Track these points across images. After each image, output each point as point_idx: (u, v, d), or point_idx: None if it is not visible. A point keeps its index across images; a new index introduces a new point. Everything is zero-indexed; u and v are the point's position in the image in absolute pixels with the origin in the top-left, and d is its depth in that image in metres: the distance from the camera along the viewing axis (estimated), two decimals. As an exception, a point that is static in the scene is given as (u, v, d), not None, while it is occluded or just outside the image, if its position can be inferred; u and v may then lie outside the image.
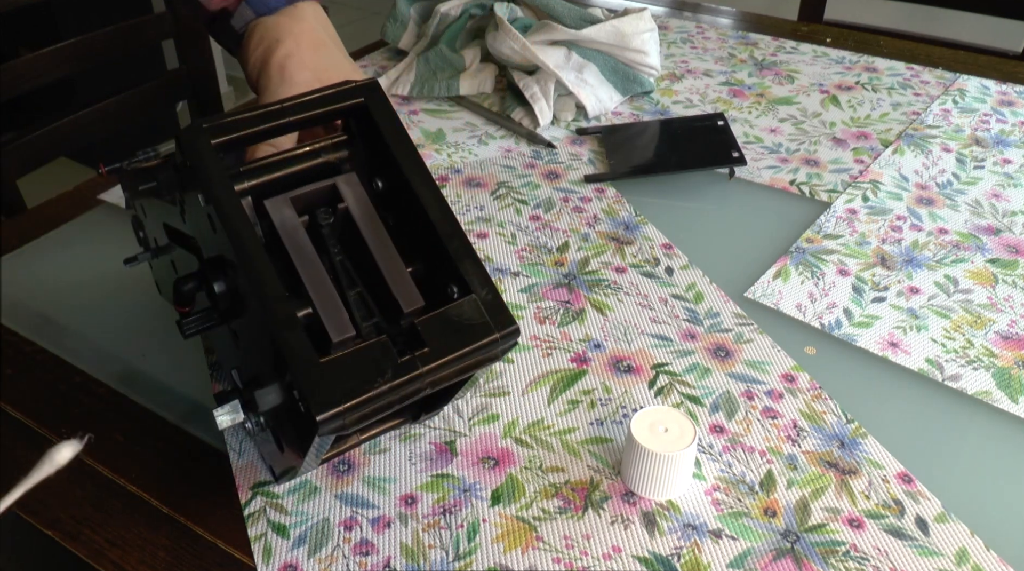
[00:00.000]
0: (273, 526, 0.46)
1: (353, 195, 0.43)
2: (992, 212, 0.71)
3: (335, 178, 0.43)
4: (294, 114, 0.44)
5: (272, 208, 0.42)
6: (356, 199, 0.43)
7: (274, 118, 0.43)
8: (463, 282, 0.42)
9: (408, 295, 0.41)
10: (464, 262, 0.42)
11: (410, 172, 0.44)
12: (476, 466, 0.49)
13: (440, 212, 0.43)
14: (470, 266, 0.42)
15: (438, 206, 0.43)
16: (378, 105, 0.45)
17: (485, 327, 0.41)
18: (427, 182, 0.44)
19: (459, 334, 0.41)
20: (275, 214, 0.41)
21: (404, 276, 0.41)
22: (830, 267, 0.64)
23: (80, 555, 0.45)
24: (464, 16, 0.93)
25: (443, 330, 0.40)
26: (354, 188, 0.43)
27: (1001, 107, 0.88)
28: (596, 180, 0.75)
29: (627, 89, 0.88)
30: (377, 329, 0.41)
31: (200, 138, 0.41)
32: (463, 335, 0.41)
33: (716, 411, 0.52)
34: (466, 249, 0.42)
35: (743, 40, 1.04)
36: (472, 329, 0.41)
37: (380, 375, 0.38)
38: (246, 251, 0.39)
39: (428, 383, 0.40)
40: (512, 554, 0.44)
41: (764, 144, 0.81)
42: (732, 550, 0.44)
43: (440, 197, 0.43)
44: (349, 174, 0.44)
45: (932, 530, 0.45)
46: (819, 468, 0.49)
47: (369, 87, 0.45)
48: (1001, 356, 0.56)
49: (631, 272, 0.64)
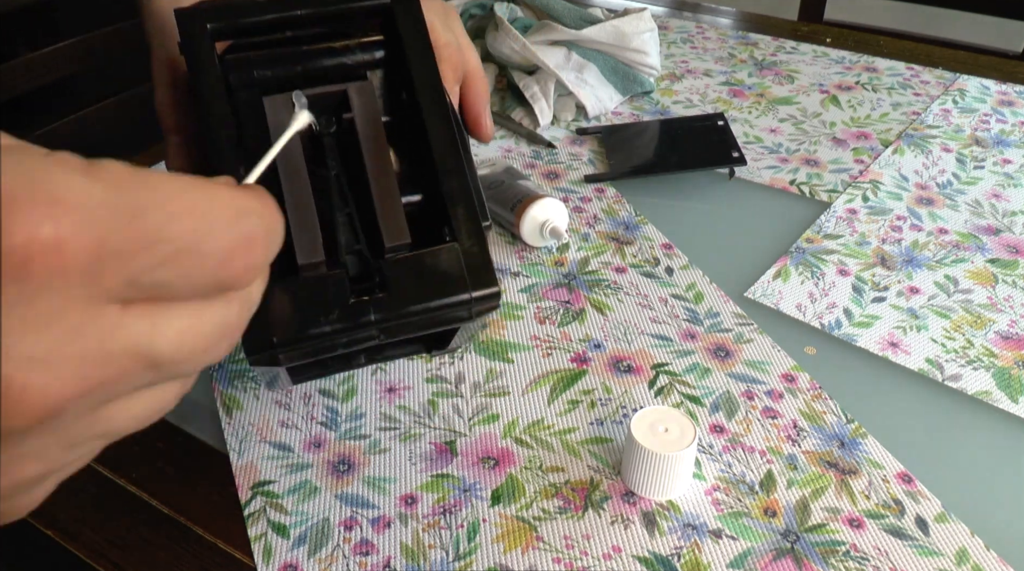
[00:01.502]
0: (273, 526, 0.46)
1: (362, 107, 0.38)
2: (992, 212, 0.71)
3: (348, 84, 0.39)
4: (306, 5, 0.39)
5: (270, 107, 0.38)
6: (364, 112, 0.38)
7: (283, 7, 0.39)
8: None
9: (394, 228, 0.37)
10: (457, 206, 0.38)
11: (423, 95, 0.39)
12: (476, 466, 0.49)
13: (444, 144, 0.38)
14: (462, 211, 0.38)
15: (444, 137, 0.38)
16: (406, 10, 0.39)
17: (459, 283, 0.37)
18: (439, 110, 0.39)
19: (427, 285, 0.36)
20: (271, 114, 0.38)
21: (395, 206, 0.37)
22: (830, 267, 0.64)
23: (80, 555, 0.45)
24: (464, 16, 0.93)
25: (411, 276, 0.36)
26: (365, 99, 0.38)
27: (1001, 107, 0.88)
28: (596, 180, 0.75)
29: (627, 89, 0.88)
30: (359, 259, 0.38)
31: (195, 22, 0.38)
32: (431, 287, 0.36)
33: (716, 411, 0.52)
34: (462, 191, 0.38)
35: (743, 40, 1.04)
36: (444, 282, 0.37)
37: (324, 315, 0.34)
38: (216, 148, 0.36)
39: (380, 331, 0.36)
40: (512, 554, 0.44)
41: (764, 144, 0.81)
42: (732, 550, 0.44)
43: (449, 128, 0.39)
44: (364, 83, 0.39)
45: (932, 530, 0.45)
46: (819, 468, 0.49)
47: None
48: (1001, 356, 0.56)
49: (631, 272, 0.64)
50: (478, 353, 0.56)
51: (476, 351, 0.56)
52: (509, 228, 0.67)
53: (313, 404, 0.53)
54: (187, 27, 0.38)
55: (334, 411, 0.52)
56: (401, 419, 0.51)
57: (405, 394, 0.53)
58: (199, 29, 0.38)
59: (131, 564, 0.44)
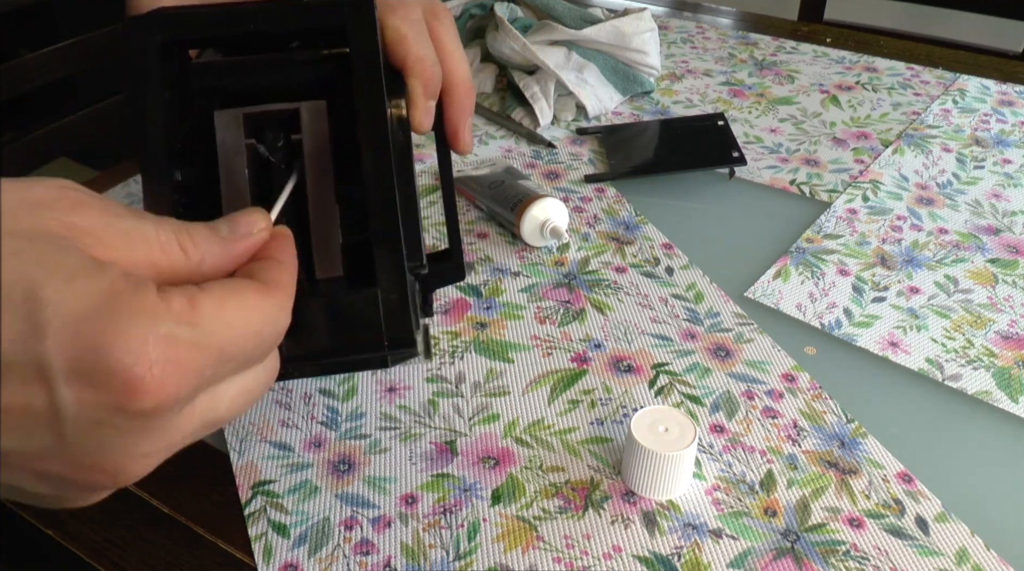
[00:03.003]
0: (273, 526, 0.46)
1: (311, 129, 0.37)
2: (992, 212, 0.71)
3: (301, 103, 0.37)
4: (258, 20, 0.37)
5: (219, 122, 0.37)
6: (313, 134, 0.37)
7: (235, 22, 0.37)
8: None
9: (327, 260, 0.36)
10: (381, 248, 0.36)
11: (363, 122, 0.37)
12: (476, 466, 0.49)
13: (376, 179, 0.36)
14: (386, 255, 0.36)
15: (377, 172, 0.36)
16: (357, 29, 0.37)
17: (374, 333, 0.36)
18: (376, 140, 0.37)
19: (341, 329, 0.36)
20: (220, 131, 0.37)
21: (330, 238, 0.36)
22: (830, 267, 0.64)
23: (80, 555, 0.45)
24: (464, 16, 0.93)
25: (328, 317, 0.35)
26: (316, 121, 0.37)
27: (1001, 107, 0.88)
28: (596, 180, 0.75)
29: (627, 89, 0.88)
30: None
31: (145, 32, 0.36)
32: (344, 333, 0.36)
33: (716, 411, 0.52)
34: (388, 232, 0.36)
35: (743, 40, 1.04)
36: (359, 330, 0.36)
37: None
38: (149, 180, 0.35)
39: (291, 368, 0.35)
40: (512, 554, 0.44)
41: (764, 144, 0.81)
42: (732, 550, 0.44)
43: (384, 162, 0.37)
44: (318, 103, 0.37)
45: (932, 530, 0.45)
46: (819, 468, 0.49)
47: (357, 5, 0.37)
48: (1001, 356, 0.57)
49: (631, 272, 0.64)
50: (478, 353, 0.56)
51: (476, 351, 0.56)
52: (509, 228, 0.67)
53: (313, 404, 0.53)
54: (135, 36, 0.37)
55: (334, 411, 0.52)
56: (401, 419, 0.51)
57: (405, 394, 0.53)
58: (147, 41, 0.37)
59: (131, 564, 0.44)
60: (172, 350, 0.26)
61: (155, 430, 0.27)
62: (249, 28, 0.37)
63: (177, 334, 0.26)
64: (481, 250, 0.66)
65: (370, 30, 0.37)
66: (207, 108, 0.38)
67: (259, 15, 0.37)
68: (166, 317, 0.26)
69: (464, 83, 0.43)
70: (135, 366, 0.25)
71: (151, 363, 0.25)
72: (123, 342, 0.25)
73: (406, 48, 0.40)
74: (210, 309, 0.27)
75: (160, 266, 0.28)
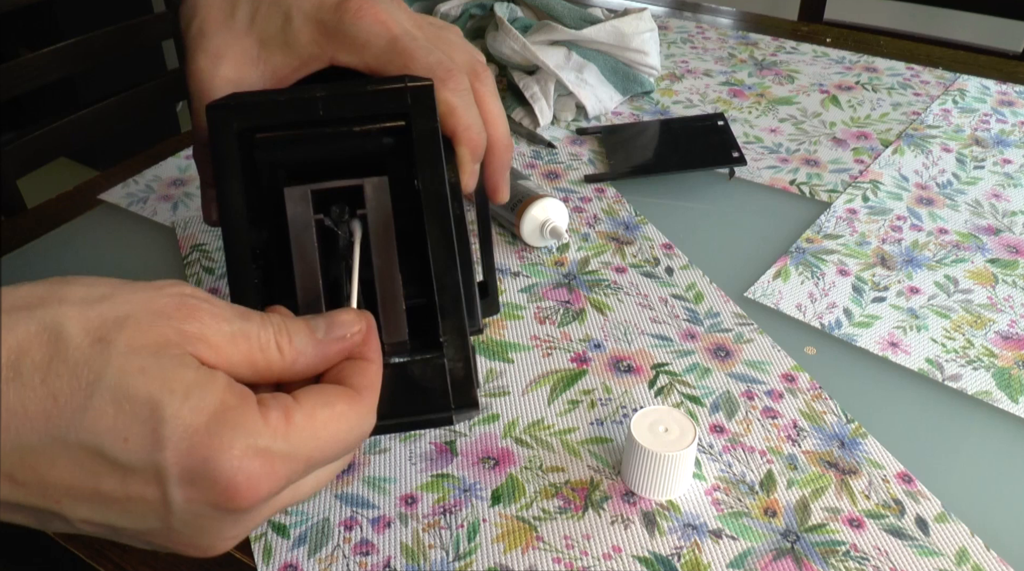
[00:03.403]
0: (273, 526, 0.46)
1: (376, 204, 0.40)
2: (992, 212, 0.71)
3: (364, 180, 0.40)
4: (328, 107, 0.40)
5: (289, 198, 0.39)
6: (377, 209, 0.40)
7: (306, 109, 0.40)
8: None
9: (394, 326, 0.39)
10: (447, 320, 0.39)
11: (427, 204, 0.40)
12: (476, 466, 0.49)
13: (443, 258, 0.39)
14: (451, 326, 0.39)
15: (440, 250, 0.39)
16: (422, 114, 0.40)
17: (442, 398, 0.38)
18: (440, 220, 0.40)
19: (410, 394, 0.38)
20: (290, 206, 0.40)
21: (397, 305, 0.39)
22: (830, 267, 0.64)
23: (80, 555, 0.45)
24: (464, 16, 0.93)
25: (397, 383, 0.38)
26: (379, 196, 0.40)
27: (1001, 107, 0.88)
28: (596, 180, 0.75)
29: (627, 89, 0.88)
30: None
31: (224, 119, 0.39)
32: (413, 397, 0.38)
33: (716, 411, 0.52)
34: (454, 307, 0.39)
35: (743, 40, 1.04)
36: (426, 395, 0.38)
37: None
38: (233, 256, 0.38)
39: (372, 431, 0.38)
40: (512, 554, 0.44)
41: (764, 144, 0.81)
42: (732, 550, 0.44)
43: (448, 239, 0.40)
44: (380, 179, 0.40)
45: (932, 530, 0.45)
46: (819, 468, 0.49)
47: (419, 94, 0.40)
48: (1001, 356, 0.57)
49: (631, 272, 0.64)
50: (478, 353, 0.56)
51: (476, 351, 0.56)
52: (509, 228, 0.67)
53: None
54: (216, 123, 0.39)
55: (334, 411, 0.52)
56: (401, 419, 0.51)
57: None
58: (227, 127, 0.39)
59: (131, 564, 0.44)
60: (267, 462, 0.30)
61: (244, 521, 0.32)
62: (319, 115, 0.40)
63: (272, 448, 0.30)
64: (481, 250, 0.66)
65: (431, 116, 0.40)
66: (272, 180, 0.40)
67: (328, 103, 0.40)
68: (264, 432, 0.30)
69: (503, 141, 0.46)
70: (236, 476, 0.30)
71: (248, 475, 0.30)
72: (227, 456, 0.29)
73: (456, 119, 0.43)
74: (302, 423, 0.32)
75: (258, 365, 0.33)
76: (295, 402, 0.32)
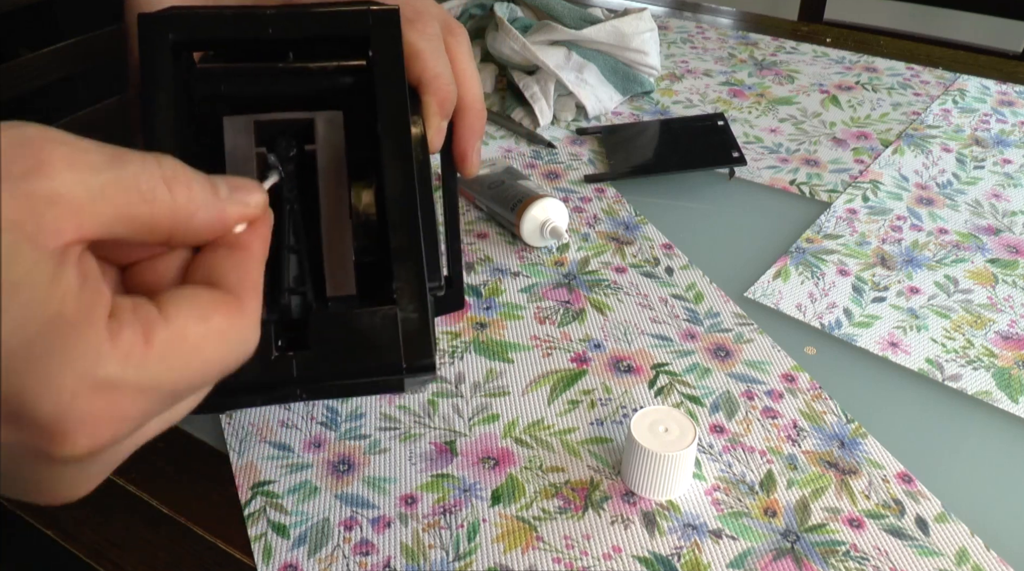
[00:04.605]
0: (273, 526, 0.46)
1: (327, 140, 0.35)
2: (992, 212, 0.71)
3: (316, 113, 0.35)
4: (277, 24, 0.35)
5: (229, 128, 0.35)
6: (327, 146, 0.35)
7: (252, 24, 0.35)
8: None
9: (339, 277, 0.35)
10: (402, 264, 0.34)
11: (385, 135, 0.35)
12: (476, 466, 0.49)
13: (399, 194, 0.35)
14: (407, 273, 0.34)
15: (399, 188, 0.35)
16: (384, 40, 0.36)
17: (391, 352, 0.34)
18: (400, 154, 0.35)
19: (356, 349, 0.34)
20: (229, 137, 0.35)
21: (344, 254, 0.35)
22: (830, 267, 0.64)
23: (80, 555, 0.45)
24: (464, 16, 0.93)
25: (342, 337, 0.34)
26: (332, 131, 0.35)
27: (1001, 107, 0.88)
28: (596, 180, 0.75)
29: (627, 89, 0.88)
30: (303, 303, 0.35)
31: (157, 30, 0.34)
32: (360, 352, 0.34)
33: (716, 411, 0.52)
34: (410, 250, 0.35)
35: (743, 40, 1.04)
36: (375, 349, 0.34)
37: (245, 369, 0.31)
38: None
39: (303, 391, 0.34)
40: (512, 554, 0.44)
41: (764, 144, 0.81)
42: (732, 550, 0.44)
43: (407, 178, 0.35)
44: (334, 114, 0.35)
45: (932, 530, 0.45)
46: (819, 468, 0.49)
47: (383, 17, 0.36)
48: (1001, 356, 0.56)
49: (631, 272, 0.64)
50: (478, 353, 0.56)
51: (476, 351, 0.56)
52: (509, 228, 0.67)
53: (313, 404, 0.53)
54: (147, 35, 0.35)
55: (334, 411, 0.52)
56: (401, 419, 0.51)
57: (405, 394, 0.53)
58: (159, 39, 0.34)
59: (131, 564, 0.44)
60: (110, 399, 0.23)
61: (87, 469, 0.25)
62: (267, 32, 0.35)
63: (121, 379, 0.23)
64: (481, 250, 0.66)
65: (395, 43, 0.36)
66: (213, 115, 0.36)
67: (278, 20, 0.35)
68: (110, 358, 0.23)
69: (476, 105, 0.41)
70: (64, 418, 0.23)
71: (82, 416, 0.23)
72: (52, 392, 0.22)
73: (423, 64, 0.38)
74: (167, 344, 0.24)
75: (140, 219, 0.25)
76: (160, 316, 0.25)
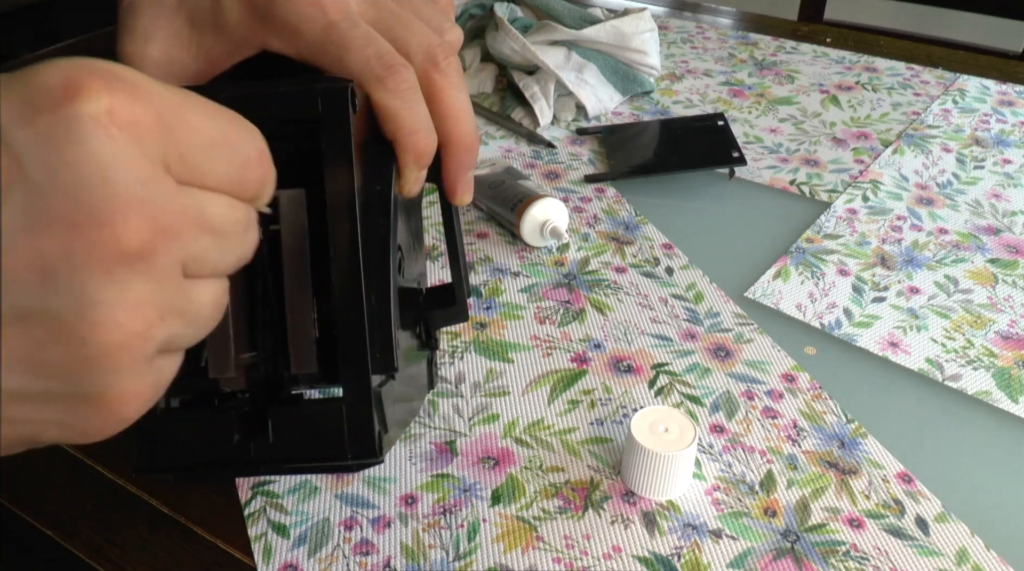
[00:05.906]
0: (273, 526, 0.46)
1: (290, 218, 0.35)
2: (992, 212, 0.71)
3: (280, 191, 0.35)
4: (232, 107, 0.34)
5: None
6: (291, 224, 0.36)
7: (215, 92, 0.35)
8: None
9: (302, 356, 0.36)
10: (347, 362, 0.35)
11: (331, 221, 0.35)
12: (476, 466, 0.49)
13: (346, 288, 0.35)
14: (351, 369, 0.35)
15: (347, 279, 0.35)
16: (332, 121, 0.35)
17: (336, 444, 0.35)
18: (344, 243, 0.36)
19: (307, 439, 0.36)
20: None
21: (306, 334, 0.36)
22: (830, 267, 0.64)
23: (80, 555, 0.45)
24: (464, 16, 0.93)
25: (294, 426, 0.36)
26: (295, 210, 0.36)
27: (1001, 107, 0.88)
28: (596, 180, 0.75)
29: (627, 89, 0.88)
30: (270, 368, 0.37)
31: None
32: (310, 442, 0.36)
33: (716, 411, 0.52)
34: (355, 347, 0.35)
35: (743, 40, 1.04)
36: (322, 441, 0.35)
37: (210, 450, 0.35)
38: None
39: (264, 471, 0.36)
40: (512, 554, 0.44)
41: (764, 144, 0.81)
42: (732, 550, 0.44)
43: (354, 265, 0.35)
44: (297, 191, 0.35)
45: (932, 530, 0.45)
46: (819, 468, 0.49)
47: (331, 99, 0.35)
48: (1001, 356, 0.57)
49: (631, 272, 0.64)
50: (478, 353, 0.56)
51: (476, 351, 0.56)
52: (509, 228, 0.67)
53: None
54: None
55: (334, 411, 0.52)
56: (401, 419, 0.51)
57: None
58: None
59: (131, 564, 0.44)
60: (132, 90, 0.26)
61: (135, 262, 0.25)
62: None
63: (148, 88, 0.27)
64: (481, 250, 0.66)
65: (342, 126, 0.35)
66: None
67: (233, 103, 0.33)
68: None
69: (465, 139, 0.41)
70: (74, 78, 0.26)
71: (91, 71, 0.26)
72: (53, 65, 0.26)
73: (396, 124, 0.38)
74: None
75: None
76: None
